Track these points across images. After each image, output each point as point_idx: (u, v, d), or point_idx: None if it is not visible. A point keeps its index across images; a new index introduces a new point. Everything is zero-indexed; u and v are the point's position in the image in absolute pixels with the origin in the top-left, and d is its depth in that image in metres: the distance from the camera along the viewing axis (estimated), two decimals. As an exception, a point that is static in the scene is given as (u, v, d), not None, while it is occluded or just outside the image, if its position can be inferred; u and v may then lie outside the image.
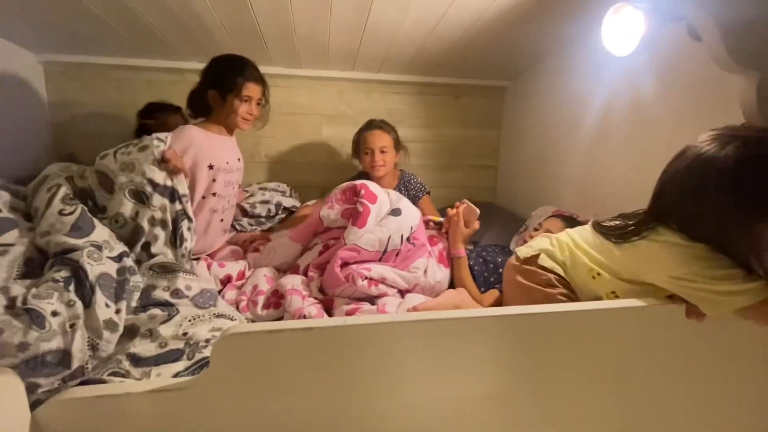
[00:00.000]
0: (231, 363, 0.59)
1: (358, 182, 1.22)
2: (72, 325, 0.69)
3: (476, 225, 1.27)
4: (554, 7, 1.21)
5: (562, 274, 0.88)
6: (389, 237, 1.11)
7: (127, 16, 1.31)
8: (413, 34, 1.45)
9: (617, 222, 0.84)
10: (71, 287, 0.73)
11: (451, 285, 1.21)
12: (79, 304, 0.71)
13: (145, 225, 0.99)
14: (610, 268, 0.81)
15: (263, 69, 1.84)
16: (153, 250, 1.00)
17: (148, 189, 1.01)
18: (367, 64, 1.84)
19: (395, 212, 1.17)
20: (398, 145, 1.75)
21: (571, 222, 1.24)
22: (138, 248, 0.99)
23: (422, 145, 2.14)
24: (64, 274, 0.75)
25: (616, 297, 0.80)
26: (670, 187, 0.73)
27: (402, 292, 1.12)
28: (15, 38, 1.53)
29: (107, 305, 0.75)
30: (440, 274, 1.18)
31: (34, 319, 0.64)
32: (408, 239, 1.17)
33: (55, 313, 0.68)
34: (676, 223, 0.73)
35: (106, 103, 1.82)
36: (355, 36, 1.48)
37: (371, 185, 1.22)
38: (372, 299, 1.05)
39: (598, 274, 0.83)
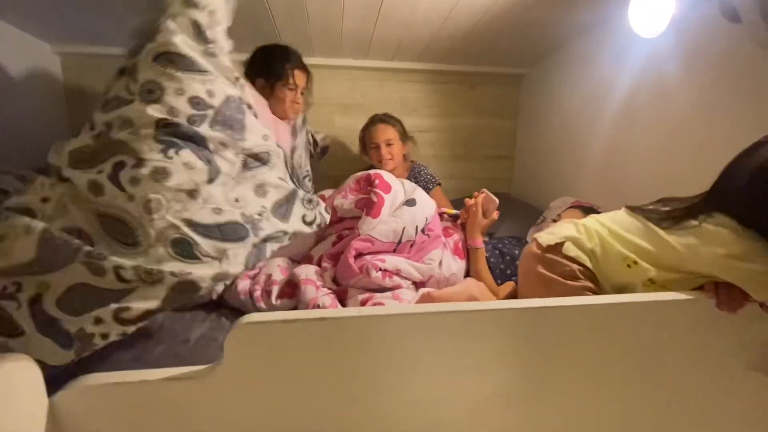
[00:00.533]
0: (245, 352, 0.58)
1: (372, 172, 1.20)
2: None
3: (495, 215, 1.24)
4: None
5: (589, 264, 0.83)
6: (404, 228, 1.09)
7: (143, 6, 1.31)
8: (428, 17, 1.41)
9: (661, 207, 0.80)
10: None
11: (467, 277, 1.19)
12: None
13: None
14: (652, 254, 0.77)
15: (274, 57, 1.82)
16: None
17: None
18: (381, 52, 1.80)
19: (410, 203, 1.15)
20: (404, 136, 1.73)
21: (592, 213, 1.20)
22: None
23: (436, 134, 2.10)
24: None
25: (653, 284, 0.77)
26: (739, 182, 0.70)
27: (417, 285, 1.11)
28: (31, 29, 1.54)
29: None
30: (455, 266, 1.16)
31: None
32: (423, 230, 1.15)
33: None
34: (736, 214, 0.70)
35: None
36: (369, 21, 1.45)
37: (386, 175, 1.20)
38: (386, 291, 1.03)
39: (635, 262, 0.78)
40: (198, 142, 0.74)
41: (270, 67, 1.30)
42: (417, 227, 1.12)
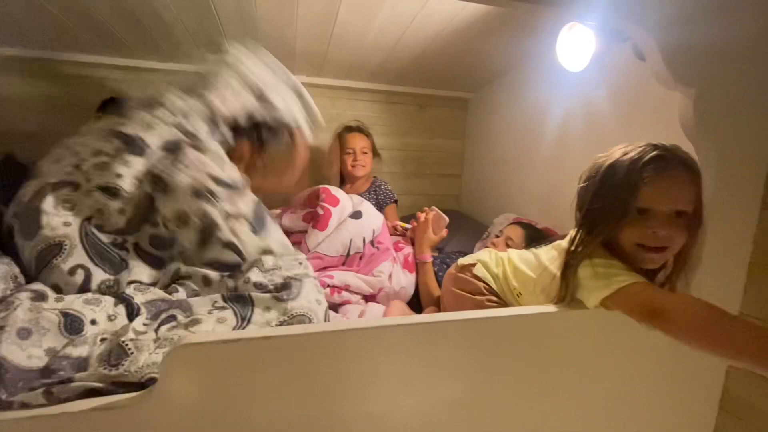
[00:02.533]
0: (182, 377, 0.55)
1: (320, 186, 1.21)
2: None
3: (444, 233, 1.30)
4: (515, 21, 1.26)
5: (493, 285, 0.92)
6: (351, 240, 1.11)
7: (74, 8, 1.24)
8: (380, 41, 1.47)
9: None
10: None
11: (417, 290, 1.22)
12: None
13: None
14: (535, 281, 0.84)
15: (226, 71, 1.79)
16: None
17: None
18: (334, 71, 1.83)
19: (356, 215, 1.17)
20: (375, 151, 1.82)
21: (530, 229, 1.29)
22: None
23: (388, 153, 2.15)
24: None
25: None
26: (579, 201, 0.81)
27: (366, 298, 1.11)
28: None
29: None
30: (405, 279, 1.18)
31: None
32: (372, 243, 1.17)
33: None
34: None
35: (52, 102, 1.70)
36: (322, 42, 1.48)
37: (333, 189, 1.21)
38: (335, 307, 1.03)
39: (519, 294, 0.88)
40: None
41: None
42: (364, 239, 1.14)
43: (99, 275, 0.77)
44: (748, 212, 0.83)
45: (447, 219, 1.29)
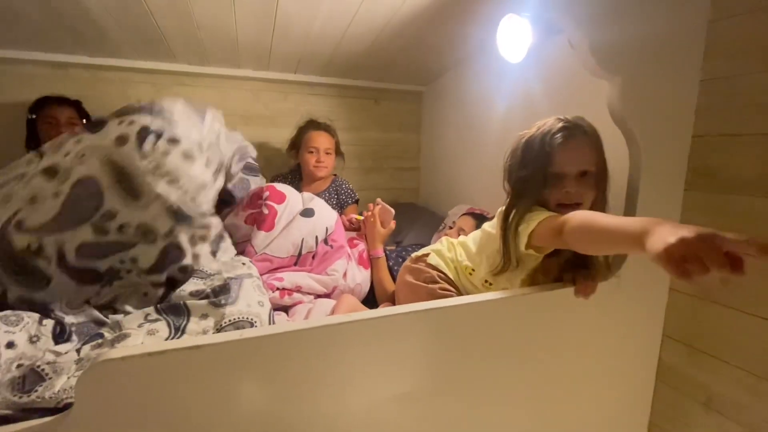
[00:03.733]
0: (103, 397, 0.51)
1: (264, 185, 1.16)
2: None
3: (392, 225, 1.29)
4: (460, 12, 1.27)
5: (447, 272, 0.95)
6: (302, 239, 1.07)
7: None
8: (327, 32, 1.43)
9: None
10: None
11: (372, 286, 1.21)
12: None
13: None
14: (484, 251, 0.88)
15: (164, 66, 1.70)
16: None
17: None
18: (283, 64, 1.78)
19: (307, 213, 1.13)
20: (338, 150, 1.77)
21: (482, 219, 1.31)
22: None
23: (345, 147, 2.10)
24: None
25: (490, 286, 0.87)
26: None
27: (321, 297, 1.09)
28: None
29: None
30: (360, 276, 1.17)
31: None
32: (326, 241, 1.14)
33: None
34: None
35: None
36: (266, 32, 1.42)
37: (278, 185, 1.16)
38: (287, 310, 1.00)
39: (473, 270, 0.91)
40: None
41: None
42: (317, 237, 1.11)
43: (15, 290, 0.71)
44: (672, 193, 0.88)
45: (393, 211, 1.28)
